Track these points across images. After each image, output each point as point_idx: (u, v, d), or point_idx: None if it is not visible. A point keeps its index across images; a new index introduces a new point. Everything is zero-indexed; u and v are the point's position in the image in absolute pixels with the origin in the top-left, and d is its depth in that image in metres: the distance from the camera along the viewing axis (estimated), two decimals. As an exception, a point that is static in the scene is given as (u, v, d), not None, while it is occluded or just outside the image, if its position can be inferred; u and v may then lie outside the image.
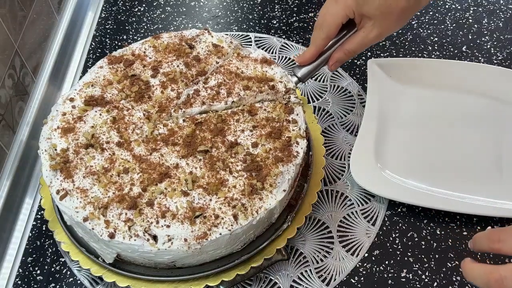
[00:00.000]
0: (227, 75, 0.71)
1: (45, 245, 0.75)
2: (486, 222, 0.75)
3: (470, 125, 0.84)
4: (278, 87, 0.70)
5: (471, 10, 1.02)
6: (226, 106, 0.68)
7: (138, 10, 1.04)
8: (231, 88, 0.69)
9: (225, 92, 0.69)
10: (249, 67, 0.72)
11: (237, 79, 0.70)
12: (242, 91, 0.69)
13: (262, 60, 0.73)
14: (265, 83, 0.70)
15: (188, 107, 0.68)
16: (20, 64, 0.83)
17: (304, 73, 0.73)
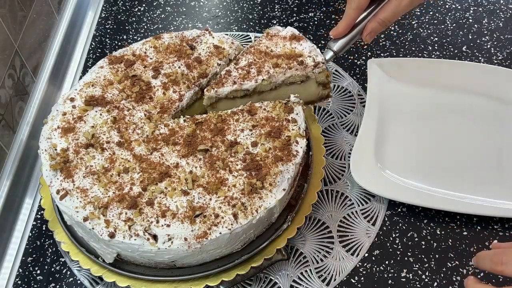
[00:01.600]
0: (257, 55, 0.72)
1: (45, 245, 0.75)
2: (486, 222, 0.75)
3: (470, 125, 0.84)
4: (306, 62, 0.71)
5: (471, 10, 1.02)
6: (257, 84, 0.70)
7: (138, 10, 1.04)
8: (261, 67, 0.71)
9: (255, 71, 0.70)
10: (279, 45, 0.73)
11: (267, 57, 0.72)
12: (272, 69, 0.70)
13: (291, 37, 0.74)
14: (294, 59, 0.71)
15: (220, 87, 0.69)
16: (20, 64, 0.83)
17: (340, 46, 0.72)
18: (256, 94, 0.71)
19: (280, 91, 0.72)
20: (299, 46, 0.73)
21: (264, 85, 0.70)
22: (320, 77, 0.72)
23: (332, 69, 0.93)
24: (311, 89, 0.73)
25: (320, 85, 0.73)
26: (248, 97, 0.71)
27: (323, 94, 0.75)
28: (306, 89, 0.73)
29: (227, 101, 0.71)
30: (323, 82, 0.73)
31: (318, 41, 0.97)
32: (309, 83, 0.72)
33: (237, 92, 0.70)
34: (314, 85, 0.73)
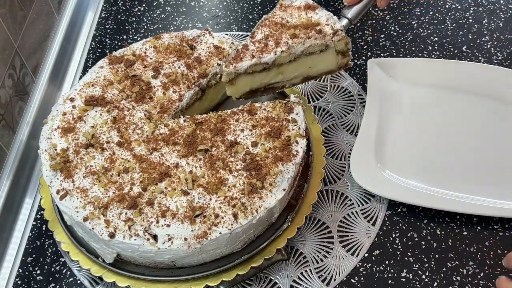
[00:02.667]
0: (272, 27, 0.71)
1: (45, 245, 0.75)
2: (486, 222, 0.75)
3: (470, 125, 0.84)
4: (325, 30, 0.69)
5: (471, 10, 1.02)
6: (276, 57, 0.68)
7: (138, 10, 1.04)
8: (279, 38, 0.69)
9: (273, 43, 0.69)
10: (294, 16, 0.72)
11: (283, 29, 0.70)
12: (290, 39, 0.69)
13: (305, 7, 0.73)
14: (311, 28, 0.69)
15: (238, 62, 0.68)
16: (20, 64, 0.83)
17: (354, 13, 0.72)
18: (275, 67, 0.70)
19: (300, 62, 0.71)
20: (315, 15, 0.71)
21: (284, 57, 0.68)
22: (339, 45, 0.70)
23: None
24: (330, 58, 0.72)
25: (339, 54, 0.71)
26: (267, 71, 0.70)
27: (342, 62, 0.73)
28: (325, 59, 0.72)
29: (246, 76, 0.69)
30: (342, 50, 0.71)
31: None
32: (328, 52, 0.71)
33: (256, 66, 0.69)
34: (333, 54, 0.71)
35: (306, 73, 0.73)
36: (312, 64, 0.70)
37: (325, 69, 0.73)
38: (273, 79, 0.72)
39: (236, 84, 0.70)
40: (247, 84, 0.70)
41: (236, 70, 0.68)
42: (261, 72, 0.70)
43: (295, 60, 0.70)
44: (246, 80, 0.70)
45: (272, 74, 0.70)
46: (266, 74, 0.70)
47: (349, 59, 0.73)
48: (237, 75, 0.69)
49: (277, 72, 0.70)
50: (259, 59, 0.68)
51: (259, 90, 0.73)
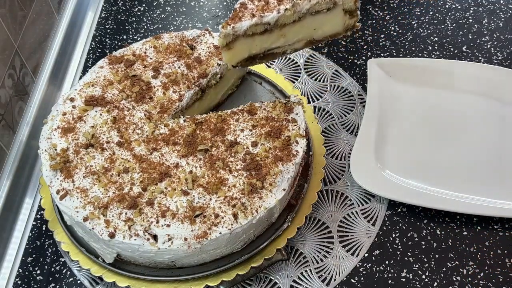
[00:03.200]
0: None
1: (45, 245, 0.75)
2: (486, 222, 0.75)
3: (470, 125, 0.84)
4: None
5: (471, 10, 1.02)
6: (280, 15, 0.62)
7: (138, 10, 1.04)
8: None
9: (275, 0, 0.63)
10: None
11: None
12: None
13: None
14: None
15: (237, 22, 0.62)
16: (20, 64, 0.83)
17: None
18: (278, 28, 0.64)
19: (305, 22, 0.65)
20: None
21: (288, 15, 0.63)
22: (347, 3, 0.64)
23: (331, 69, 0.93)
24: (337, 18, 0.66)
25: (347, 13, 0.66)
26: (268, 34, 0.64)
27: (349, 24, 0.67)
28: (332, 19, 0.66)
29: (245, 40, 0.64)
30: (350, 8, 0.65)
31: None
32: (335, 11, 0.65)
33: (256, 27, 0.63)
34: (340, 14, 0.66)
35: (310, 36, 0.67)
36: (317, 25, 0.64)
37: (331, 31, 0.67)
38: (274, 43, 0.66)
39: (234, 48, 0.64)
40: (246, 48, 0.64)
41: (235, 31, 0.62)
42: (262, 35, 0.64)
43: (299, 20, 0.64)
44: (245, 44, 0.64)
45: (274, 37, 0.65)
46: (267, 37, 0.64)
47: (356, 19, 0.67)
48: (235, 37, 0.63)
49: (279, 34, 0.65)
50: (261, 19, 0.62)
51: (257, 57, 0.67)
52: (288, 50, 0.68)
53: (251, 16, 0.62)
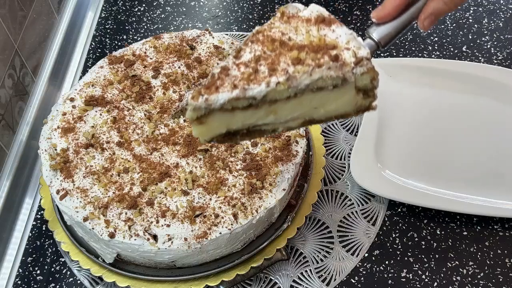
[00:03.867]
0: (268, 45, 0.50)
1: (45, 245, 0.75)
2: (486, 222, 0.75)
3: (470, 125, 0.84)
4: (343, 56, 0.49)
5: (471, 10, 1.02)
6: (269, 90, 0.48)
7: (138, 10, 1.04)
8: (275, 63, 0.48)
9: (266, 70, 0.48)
10: (300, 31, 0.51)
11: (283, 49, 0.49)
12: (291, 66, 0.48)
13: (318, 20, 0.52)
14: (324, 52, 0.49)
15: (212, 92, 0.48)
16: (20, 64, 0.83)
17: (384, 34, 0.52)
18: (267, 104, 0.50)
19: (302, 100, 0.50)
20: (330, 33, 0.50)
21: (280, 90, 0.48)
22: (362, 80, 0.50)
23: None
24: (346, 96, 0.51)
25: (360, 92, 0.51)
26: (254, 109, 0.50)
27: (363, 104, 0.53)
28: (339, 97, 0.51)
29: (222, 114, 0.50)
30: (365, 87, 0.51)
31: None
32: (344, 88, 0.50)
33: (238, 101, 0.48)
34: (351, 92, 0.51)
35: (310, 115, 0.53)
36: (319, 103, 0.51)
37: (338, 112, 0.53)
38: (261, 120, 0.51)
39: (207, 123, 0.50)
40: (223, 124, 0.50)
41: (208, 104, 0.48)
42: (245, 110, 0.50)
43: (295, 96, 0.49)
44: (222, 119, 0.50)
45: (261, 113, 0.50)
46: (252, 113, 0.50)
47: (373, 100, 0.53)
48: (209, 111, 0.49)
49: (268, 111, 0.50)
50: (244, 92, 0.48)
51: (239, 133, 0.53)
52: (279, 128, 0.53)
53: (232, 86, 0.48)
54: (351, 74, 0.49)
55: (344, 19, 0.99)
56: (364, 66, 0.49)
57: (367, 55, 0.49)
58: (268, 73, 0.48)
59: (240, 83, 0.48)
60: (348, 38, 0.50)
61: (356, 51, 0.49)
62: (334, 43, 0.50)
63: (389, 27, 0.52)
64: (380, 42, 0.52)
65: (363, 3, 1.03)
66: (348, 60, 0.49)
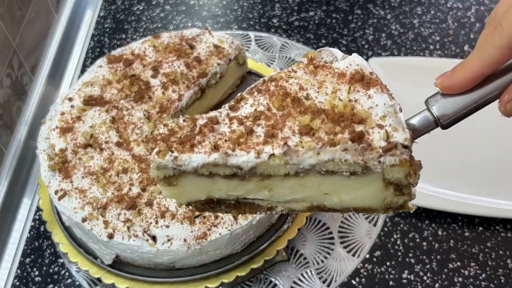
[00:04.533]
0: (277, 100, 0.40)
1: (44, 246, 0.74)
2: (488, 223, 0.74)
3: (471, 125, 0.83)
4: (371, 137, 0.37)
5: (473, 9, 1.01)
6: (259, 162, 0.38)
7: (137, 9, 1.04)
8: (277, 126, 0.38)
9: (263, 133, 0.38)
10: (324, 89, 0.40)
11: (295, 109, 0.39)
12: (296, 136, 0.38)
13: (354, 77, 0.41)
14: (346, 125, 0.38)
15: (185, 150, 0.39)
16: (18, 63, 0.83)
17: (450, 110, 0.39)
18: (257, 178, 0.40)
19: (307, 181, 0.40)
20: (364, 99, 0.39)
21: (274, 166, 0.38)
22: (392, 173, 0.38)
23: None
24: (371, 189, 0.40)
25: (391, 186, 0.40)
26: (240, 180, 0.40)
27: (395, 202, 0.41)
28: (361, 188, 0.40)
29: (198, 179, 0.40)
30: (398, 181, 0.39)
31: (318, 40, 0.96)
32: (368, 178, 0.39)
33: (217, 168, 0.39)
34: (378, 184, 0.39)
35: (318, 201, 0.42)
36: (331, 189, 0.40)
37: (357, 204, 0.41)
38: (251, 194, 0.42)
39: (180, 186, 0.41)
40: (201, 190, 0.42)
41: (178, 165, 0.39)
42: (229, 179, 0.40)
43: (297, 175, 0.39)
44: (199, 184, 0.41)
45: (251, 187, 0.41)
46: (239, 184, 0.41)
47: (409, 199, 0.41)
48: (179, 172, 0.40)
49: (261, 186, 0.41)
50: (225, 158, 0.38)
51: (225, 203, 0.43)
52: (278, 207, 0.43)
53: (212, 148, 0.38)
54: (377, 163, 0.37)
55: (345, 18, 0.99)
56: (396, 156, 0.37)
57: (405, 141, 0.37)
58: (264, 139, 0.38)
59: (225, 145, 0.38)
60: (386, 111, 0.38)
61: (390, 132, 0.37)
62: (364, 115, 0.38)
63: (456, 101, 0.38)
64: (441, 119, 0.40)
65: (364, 2, 1.02)
66: (376, 143, 0.37)
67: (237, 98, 0.41)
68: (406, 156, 0.37)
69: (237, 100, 0.41)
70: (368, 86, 0.40)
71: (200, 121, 0.40)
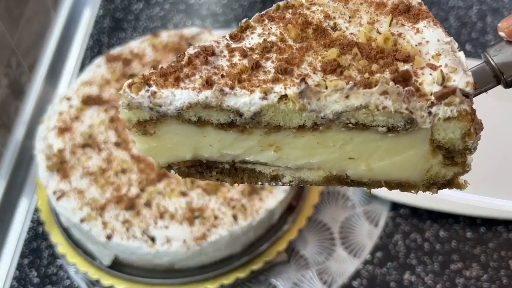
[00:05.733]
0: (294, 29, 0.32)
1: (42, 247, 0.74)
2: (490, 224, 0.74)
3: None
4: (420, 79, 0.30)
5: (475, 8, 1.01)
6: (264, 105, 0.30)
7: (136, 7, 1.03)
8: (293, 60, 0.30)
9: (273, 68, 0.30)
10: (358, 19, 0.33)
11: (318, 41, 0.31)
12: (319, 73, 0.30)
13: (398, 8, 0.34)
14: (387, 63, 0.30)
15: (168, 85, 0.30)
16: (16, 62, 0.82)
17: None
18: (262, 129, 0.31)
19: (328, 138, 0.31)
20: (411, 33, 0.32)
21: (287, 111, 0.30)
22: (445, 131, 0.31)
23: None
24: (413, 153, 0.32)
25: (440, 151, 0.32)
26: (239, 132, 0.32)
27: (442, 175, 0.34)
28: (399, 152, 0.32)
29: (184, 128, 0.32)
30: (450, 145, 0.32)
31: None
32: (411, 137, 0.31)
33: (209, 112, 0.31)
34: (423, 148, 0.32)
35: (339, 169, 0.33)
36: (359, 152, 0.32)
37: (390, 176, 0.33)
38: (252, 155, 0.33)
39: (158, 136, 0.33)
40: (186, 144, 0.33)
41: (156, 105, 0.30)
42: (225, 130, 0.32)
43: (315, 128, 0.31)
44: (184, 135, 0.33)
45: (252, 144, 0.32)
46: (236, 139, 0.32)
47: (461, 172, 0.35)
48: (159, 116, 0.31)
49: (266, 142, 0.32)
50: (220, 97, 0.29)
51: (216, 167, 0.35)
52: (286, 176, 0.34)
53: (203, 83, 0.30)
54: (426, 114, 0.28)
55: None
56: (454, 105, 0.28)
57: (467, 86, 0.29)
58: (274, 75, 0.29)
59: (221, 81, 0.29)
60: (441, 49, 0.30)
61: (446, 74, 0.29)
62: (412, 51, 0.30)
63: None
64: (502, 74, 0.31)
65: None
66: (426, 87, 0.28)
67: (241, 26, 0.31)
68: (467, 107, 0.29)
69: (241, 28, 0.31)
70: (416, 19, 0.32)
71: (190, 50, 0.30)
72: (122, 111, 0.31)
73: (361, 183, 0.34)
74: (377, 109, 0.28)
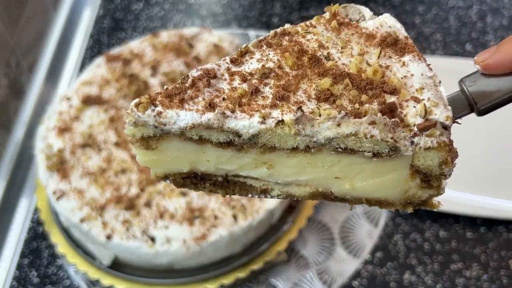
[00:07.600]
0: (290, 57, 0.33)
1: (42, 247, 0.74)
2: (490, 224, 0.74)
3: (473, 124, 0.82)
4: (404, 110, 0.32)
5: (475, 8, 1.01)
6: (262, 129, 0.32)
7: (136, 7, 1.03)
8: (290, 87, 0.32)
9: (271, 94, 0.32)
10: (349, 50, 0.34)
11: (312, 70, 0.33)
12: (313, 101, 0.31)
13: (385, 40, 0.35)
14: (375, 94, 0.32)
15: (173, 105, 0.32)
16: (16, 62, 0.82)
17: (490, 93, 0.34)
18: (258, 149, 0.33)
19: (318, 160, 0.34)
20: (397, 66, 0.34)
21: (281, 135, 0.32)
22: (425, 159, 0.33)
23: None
24: (393, 177, 0.34)
25: (417, 175, 0.34)
26: (236, 151, 0.34)
27: (418, 196, 0.36)
28: (381, 174, 0.34)
29: (185, 144, 0.34)
30: (428, 170, 0.34)
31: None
32: (393, 162, 0.33)
33: (211, 132, 0.33)
34: (403, 172, 0.34)
35: (325, 187, 0.35)
36: (345, 173, 0.34)
37: (372, 195, 0.35)
38: (246, 171, 0.35)
39: (159, 151, 0.34)
40: (184, 159, 0.35)
41: (161, 123, 0.32)
42: (223, 149, 0.34)
43: (307, 151, 0.33)
44: (183, 152, 0.34)
45: (247, 161, 0.34)
46: (233, 156, 0.34)
47: (435, 194, 0.36)
48: (162, 134, 0.33)
49: (260, 160, 0.34)
50: (222, 119, 0.31)
51: (210, 180, 0.36)
52: (274, 190, 0.36)
53: (206, 105, 0.31)
54: (409, 143, 0.31)
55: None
56: (434, 137, 0.31)
57: (446, 120, 0.31)
58: (272, 101, 0.31)
59: (222, 104, 0.31)
60: (424, 83, 0.32)
61: (429, 108, 0.31)
62: (398, 84, 0.31)
63: (496, 82, 0.33)
64: (476, 104, 0.33)
65: (365, 0, 1.02)
66: (410, 119, 0.30)
67: (241, 50, 0.33)
68: (445, 139, 0.31)
69: (240, 53, 0.33)
70: (402, 52, 0.33)
71: (194, 73, 0.32)
72: (127, 128, 0.33)
73: (344, 200, 0.36)
74: (365, 137, 0.31)
